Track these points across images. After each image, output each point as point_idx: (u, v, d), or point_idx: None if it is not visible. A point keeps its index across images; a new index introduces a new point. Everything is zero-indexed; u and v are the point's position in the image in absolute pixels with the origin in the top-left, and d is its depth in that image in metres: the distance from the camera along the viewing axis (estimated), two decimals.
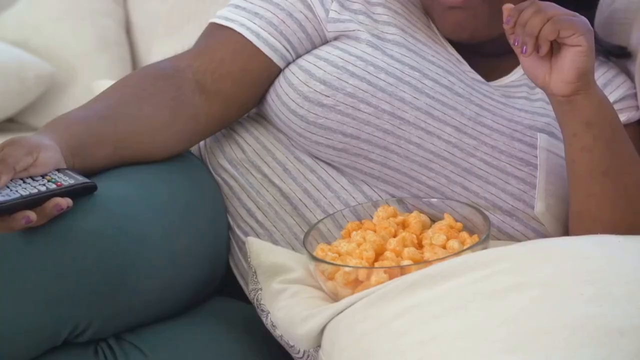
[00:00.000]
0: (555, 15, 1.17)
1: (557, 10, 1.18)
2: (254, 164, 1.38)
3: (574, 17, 1.19)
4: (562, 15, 1.18)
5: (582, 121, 1.22)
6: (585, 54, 1.18)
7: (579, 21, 1.18)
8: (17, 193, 1.09)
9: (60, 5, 2.71)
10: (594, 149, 1.23)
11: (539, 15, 1.18)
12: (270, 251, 1.29)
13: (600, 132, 1.23)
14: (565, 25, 1.17)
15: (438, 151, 1.31)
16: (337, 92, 1.31)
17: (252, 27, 1.38)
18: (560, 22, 1.17)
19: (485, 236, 1.19)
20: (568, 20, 1.17)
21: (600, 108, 1.22)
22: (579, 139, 1.23)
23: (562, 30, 1.17)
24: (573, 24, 1.17)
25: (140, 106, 1.30)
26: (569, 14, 1.19)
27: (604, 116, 1.23)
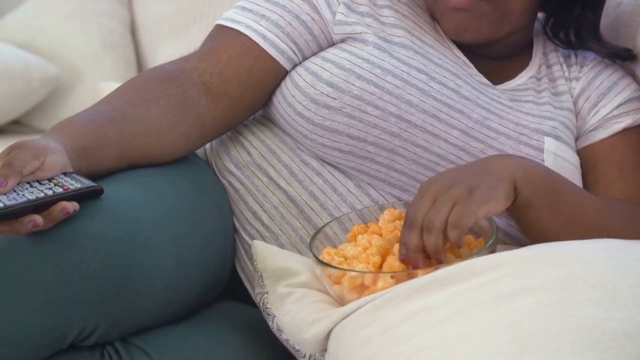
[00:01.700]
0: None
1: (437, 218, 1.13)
2: (260, 167, 1.38)
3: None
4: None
5: (520, 207, 1.21)
6: (495, 208, 1.16)
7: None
8: (24, 197, 1.09)
9: (65, 7, 2.71)
10: (540, 219, 1.22)
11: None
12: (277, 255, 1.29)
13: (540, 203, 1.21)
14: (461, 219, 1.13)
15: (444, 154, 1.31)
16: (344, 95, 1.31)
17: (259, 29, 1.38)
18: (455, 224, 1.13)
19: (492, 241, 1.19)
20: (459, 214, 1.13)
21: (531, 187, 1.19)
22: (524, 219, 1.23)
23: (463, 225, 1.14)
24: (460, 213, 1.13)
25: (147, 108, 1.30)
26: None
27: (539, 190, 1.20)
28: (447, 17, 1.36)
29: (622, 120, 1.37)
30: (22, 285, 1.10)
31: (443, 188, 1.15)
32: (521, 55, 1.45)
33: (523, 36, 1.44)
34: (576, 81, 1.43)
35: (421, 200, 1.16)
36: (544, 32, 1.49)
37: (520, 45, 1.45)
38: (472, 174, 1.17)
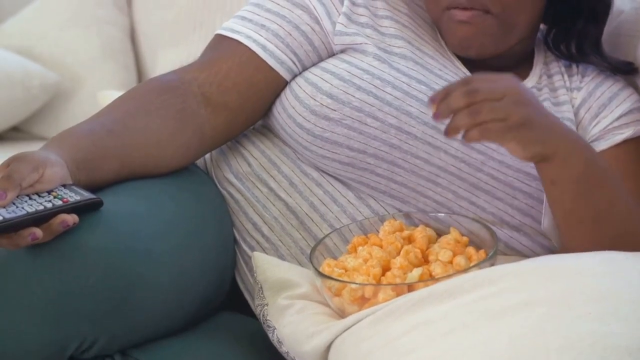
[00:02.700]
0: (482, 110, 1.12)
1: (486, 99, 1.12)
2: (260, 178, 1.38)
3: (499, 106, 1.12)
4: (488, 111, 1.12)
5: (546, 179, 1.21)
6: (515, 151, 1.15)
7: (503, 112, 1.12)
8: (23, 210, 1.08)
9: (65, 13, 2.71)
10: (562, 202, 1.22)
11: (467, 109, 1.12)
12: (277, 266, 1.28)
13: (566, 188, 1.20)
14: (490, 134, 1.12)
15: (445, 166, 1.31)
16: (344, 106, 1.31)
17: (259, 39, 1.37)
18: (486, 131, 1.12)
19: (493, 253, 1.19)
20: (494, 129, 1.12)
21: (565, 167, 1.18)
22: (547, 192, 1.23)
23: (486, 138, 1.13)
24: (496, 129, 1.12)
25: (147, 119, 1.30)
26: (496, 98, 1.13)
27: (569, 174, 1.19)
28: (452, 31, 1.35)
29: (623, 132, 1.37)
30: (21, 298, 1.10)
31: (512, 103, 1.12)
32: (522, 65, 1.45)
33: (525, 47, 1.44)
34: (577, 91, 1.42)
35: (487, 84, 1.14)
36: (545, 44, 1.48)
37: (521, 55, 1.44)
38: (536, 114, 1.14)
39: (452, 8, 1.33)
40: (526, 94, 1.16)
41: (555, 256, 1.19)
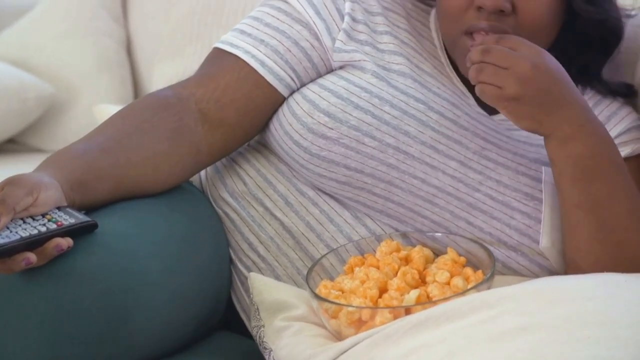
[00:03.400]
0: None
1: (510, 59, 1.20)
2: (256, 197, 1.37)
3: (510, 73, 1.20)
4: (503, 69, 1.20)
5: (548, 156, 1.25)
6: (515, 120, 1.23)
7: (511, 77, 1.20)
8: (17, 234, 1.08)
9: (61, 24, 2.70)
10: (560, 183, 1.25)
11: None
12: (273, 287, 1.27)
13: (563, 169, 1.24)
14: (484, 96, 1.22)
15: (442, 186, 1.30)
16: (341, 125, 1.30)
17: (257, 54, 1.36)
18: (482, 92, 1.22)
19: (490, 274, 1.18)
20: (488, 92, 1.21)
21: (563, 148, 1.23)
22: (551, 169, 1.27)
23: (482, 98, 1.23)
24: (491, 93, 1.21)
25: (142, 138, 1.29)
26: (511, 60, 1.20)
27: (566, 156, 1.23)
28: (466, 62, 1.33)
29: (622, 150, 1.36)
30: (16, 323, 1.09)
31: (513, 75, 1.19)
32: None
33: None
34: None
35: (506, 50, 1.21)
36: None
37: None
38: (537, 92, 1.20)
39: (471, 32, 1.31)
40: (537, 72, 1.20)
41: (553, 278, 1.19)
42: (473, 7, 1.30)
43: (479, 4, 1.28)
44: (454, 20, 1.32)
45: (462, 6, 1.31)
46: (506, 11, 1.28)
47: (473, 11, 1.30)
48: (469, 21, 1.30)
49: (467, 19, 1.30)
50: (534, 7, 1.29)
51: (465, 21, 1.31)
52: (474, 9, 1.30)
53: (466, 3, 1.30)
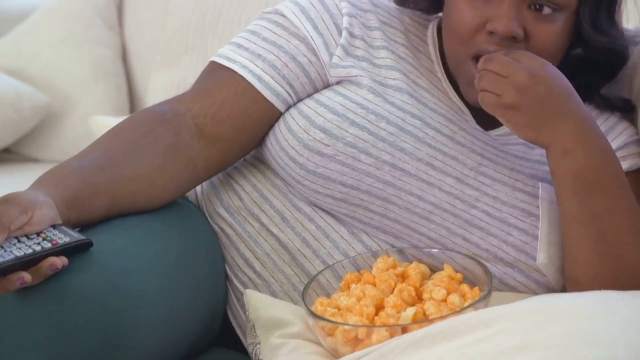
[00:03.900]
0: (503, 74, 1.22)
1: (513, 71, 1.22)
2: (252, 213, 1.37)
3: (509, 82, 1.22)
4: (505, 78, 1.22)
5: (549, 166, 1.26)
6: (514, 128, 1.23)
7: (512, 88, 1.21)
8: (12, 254, 1.07)
9: (56, 33, 2.70)
10: (560, 195, 1.26)
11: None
12: (269, 304, 1.27)
13: (563, 182, 1.24)
14: (484, 104, 1.24)
15: (439, 203, 1.30)
16: (337, 142, 1.29)
17: (254, 69, 1.36)
18: (482, 99, 1.24)
19: (487, 292, 1.18)
20: (487, 100, 1.24)
21: (563, 160, 1.23)
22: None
23: (482, 106, 1.25)
24: (489, 101, 1.23)
25: (138, 154, 1.28)
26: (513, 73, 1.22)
27: (566, 169, 1.23)
28: (469, 89, 1.32)
29: None
30: (10, 343, 1.08)
31: (512, 84, 1.21)
32: None
33: None
34: None
35: (508, 59, 1.23)
36: None
37: None
38: (535, 102, 1.22)
39: (478, 57, 1.29)
40: (535, 81, 1.21)
41: (551, 296, 1.18)
42: (484, 30, 1.29)
43: (491, 29, 1.28)
44: (463, 42, 1.31)
45: (473, 29, 1.30)
46: (519, 38, 1.28)
47: (483, 35, 1.29)
48: (478, 44, 1.30)
49: (477, 42, 1.30)
50: (546, 35, 1.29)
51: (474, 44, 1.30)
52: (484, 33, 1.29)
53: (477, 26, 1.29)
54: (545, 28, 1.28)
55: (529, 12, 1.28)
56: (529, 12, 1.28)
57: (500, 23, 1.26)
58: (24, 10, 2.87)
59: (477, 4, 1.29)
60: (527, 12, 1.28)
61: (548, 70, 1.24)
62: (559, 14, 1.29)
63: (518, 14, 1.27)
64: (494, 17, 1.27)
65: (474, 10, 1.29)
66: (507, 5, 1.27)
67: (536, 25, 1.28)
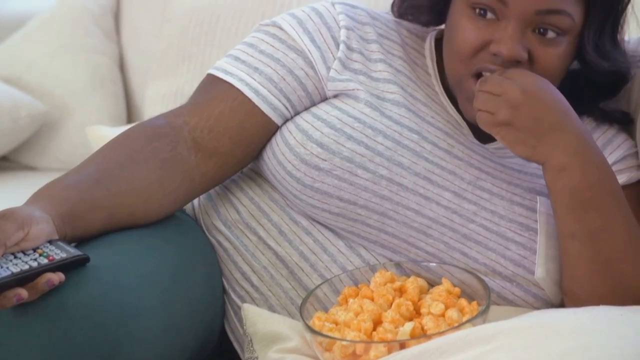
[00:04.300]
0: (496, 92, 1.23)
1: (508, 89, 1.22)
2: (249, 226, 1.36)
3: (505, 98, 1.22)
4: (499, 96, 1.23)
5: (546, 184, 1.26)
6: (509, 145, 1.24)
7: (505, 105, 1.22)
8: (8, 270, 1.06)
9: (54, 41, 2.69)
10: (556, 211, 1.26)
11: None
12: (267, 319, 1.27)
13: (559, 199, 1.24)
14: (480, 122, 1.26)
15: (437, 217, 1.29)
16: (334, 156, 1.29)
17: (252, 83, 1.35)
18: (478, 118, 1.25)
19: (485, 307, 1.17)
20: (482, 118, 1.25)
21: (559, 177, 1.23)
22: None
23: (479, 125, 1.27)
24: (484, 119, 1.25)
25: (135, 168, 1.28)
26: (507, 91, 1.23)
27: (562, 185, 1.23)
28: (467, 106, 1.32)
29: (618, 178, 1.35)
30: (7, 358, 1.08)
31: (504, 101, 1.22)
32: None
33: None
34: None
35: (502, 78, 1.25)
36: None
37: None
38: (529, 118, 1.22)
39: (479, 74, 1.30)
40: (528, 97, 1.22)
41: (549, 312, 1.18)
42: (487, 50, 1.29)
43: (496, 51, 1.27)
44: (464, 60, 1.30)
45: (475, 49, 1.29)
46: (522, 61, 1.28)
47: (486, 54, 1.29)
48: (480, 63, 1.29)
49: (479, 60, 1.29)
50: (550, 58, 1.28)
51: (476, 63, 1.30)
52: (487, 52, 1.29)
53: (480, 46, 1.29)
54: (549, 51, 1.28)
55: (533, 35, 1.28)
56: (533, 35, 1.28)
57: (505, 46, 1.26)
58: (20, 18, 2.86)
59: (481, 24, 1.28)
60: (531, 35, 1.28)
61: (541, 86, 1.24)
62: (563, 38, 1.28)
63: (522, 37, 1.27)
64: (498, 39, 1.27)
65: (478, 31, 1.29)
66: (512, 29, 1.26)
67: (540, 49, 1.28)
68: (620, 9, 1.31)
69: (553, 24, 1.27)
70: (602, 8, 1.28)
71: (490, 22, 1.28)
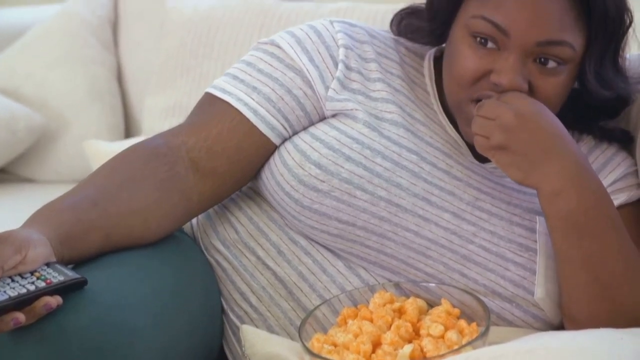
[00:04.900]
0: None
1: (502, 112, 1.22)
2: (248, 246, 1.36)
3: (501, 125, 1.22)
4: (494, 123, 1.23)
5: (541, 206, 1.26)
6: (503, 168, 1.24)
7: (501, 130, 1.22)
8: (6, 294, 1.06)
9: (51, 52, 2.69)
10: (552, 236, 1.25)
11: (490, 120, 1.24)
12: (266, 340, 1.26)
13: (554, 224, 1.24)
14: (477, 146, 1.25)
15: (436, 238, 1.29)
16: (333, 178, 1.28)
17: (250, 102, 1.34)
18: (475, 142, 1.25)
19: (485, 329, 1.17)
20: (478, 142, 1.25)
21: (554, 202, 1.22)
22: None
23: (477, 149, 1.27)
24: (480, 143, 1.25)
25: (132, 189, 1.27)
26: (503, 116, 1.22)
27: (556, 211, 1.23)
28: (466, 128, 1.31)
29: (617, 197, 1.35)
30: None
31: (498, 126, 1.22)
32: None
33: None
34: None
35: (498, 102, 1.25)
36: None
37: None
38: (522, 142, 1.22)
39: (479, 99, 1.29)
40: (521, 120, 1.22)
41: (549, 335, 1.18)
42: (487, 78, 1.28)
43: (496, 82, 1.27)
44: (465, 87, 1.30)
45: (476, 77, 1.29)
46: (523, 92, 1.27)
47: (486, 83, 1.28)
48: (480, 90, 1.29)
49: (479, 88, 1.29)
50: (550, 87, 1.28)
51: (476, 90, 1.29)
52: (488, 82, 1.28)
53: (481, 74, 1.28)
54: (549, 81, 1.27)
55: (534, 65, 1.27)
56: (534, 65, 1.27)
57: (506, 77, 1.25)
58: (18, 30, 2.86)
59: (482, 53, 1.28)
60: (532, 65, 1.27)
61: (536, 110, 1.23)
62: (564, 67, 1.28)
63: (523, 67, 1.26)
64: (498, 69, 1.26)
65: (479, 60, 1.28)
66: (513, 60, 1.26)
67: (540, 78, 1.27)
68: (621, 33, 1.30)
69: (554, 55, 1.26)
70: (604, 36, 1.28)
71: (491, 51, 1.27)
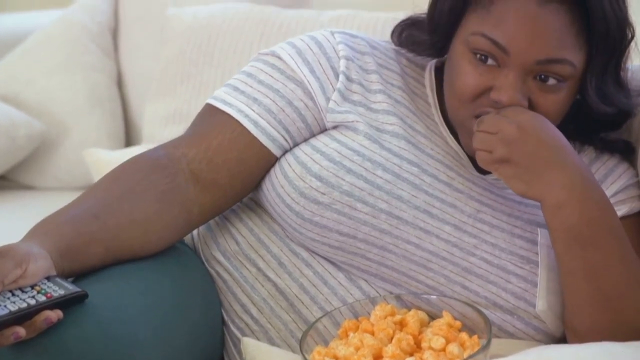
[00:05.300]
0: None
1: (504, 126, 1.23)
2: (249, 258, 1.35)
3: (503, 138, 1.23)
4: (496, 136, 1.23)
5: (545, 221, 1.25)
6: (506, 181, 1.24)
7: (503, 144, 1.22)
8: (6, 309, 1.06)
9: (51, 59, 2.68)
10: (555, 248, 1.25)
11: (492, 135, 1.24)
12: (266, 353, 1.26)
13: (557, 235, 1.24)
14: (479, 160, 1.25)
15: (437, 251, 1.29)
16: (334, 190, 1.28)
17: (250, 114, 1.34)
18: (477, 157, 1.25)
19: (487, 342, 1.16)
20: (480, 157, 1.25)
21: (556, 214, 1.22)
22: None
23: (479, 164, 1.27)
24: (482, 157, 1.25)
25: (133, 201, 1.27)
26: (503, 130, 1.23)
27: (559, 223, 1.23)
28: (467, 141, 1.31)
29: (619, 209, 1.34)
30: None
31: (500, 140, 1.23)
32: None
33: None
34: None
35: (498, 116, 1.25)
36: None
37: None
38: (525, 155, 1.22)
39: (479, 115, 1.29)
40: (523, 133, 1.22)
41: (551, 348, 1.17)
42: (487, 95, 1.28)
43: (496, 99, 1.26)
44: (465, 103, 1.29)
45: (476, 93, 1.28)
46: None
47: (486, 100, 1.28)
48: (480, 107, 1.29)
49: (480, 104, 1.29)
50: (551, 104, 1.28)
51: (477, 106, 1.29)
52: (488, 98, 1.28)
53: (481, 91, 1.28)
54: (549, 98, 1.27)
55: (534, 82, 1.27)
56: (534, 82, 1.27)
57: (506, 95, 1.25)
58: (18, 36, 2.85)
59: (482, 70, 1.28)
60: (532, 82, 1.27)
61: (537, 123, 1.23)
62: (564, 84, 1.27)
63: (523, 85, 1.26)
64: (499, 87, 1.26)
65: (479, 76, 1.28)
66: (513, 77, 1.25)
67: (541, 95, 1.27)
68: (623, 47, 1.30)
69: (554, 72, 1.26)
70: (605, 51, 1.27)
71: (491, 68, 1.27)
